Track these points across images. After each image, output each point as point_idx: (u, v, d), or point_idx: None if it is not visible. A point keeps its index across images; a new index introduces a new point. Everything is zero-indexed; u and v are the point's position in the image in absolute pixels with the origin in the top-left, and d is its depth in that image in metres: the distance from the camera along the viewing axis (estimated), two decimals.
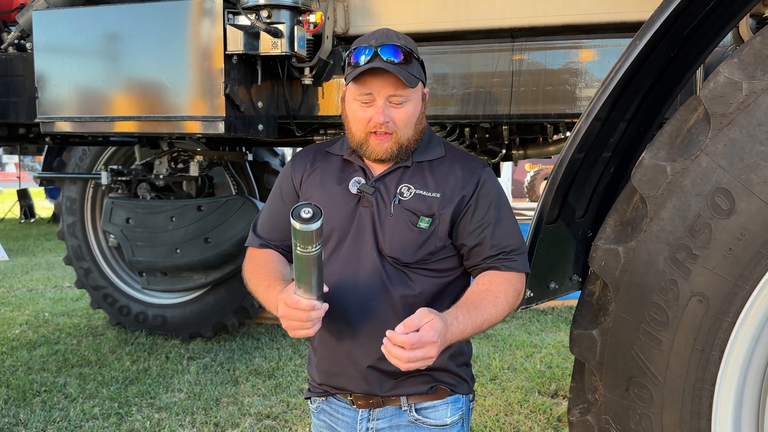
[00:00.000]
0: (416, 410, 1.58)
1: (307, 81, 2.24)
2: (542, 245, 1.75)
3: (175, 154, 4.60)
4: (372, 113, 1.49)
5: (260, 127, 2.22)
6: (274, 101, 2.31)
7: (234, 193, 4.84)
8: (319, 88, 2.32)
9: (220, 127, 2.02)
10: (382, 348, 1.29)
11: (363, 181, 1.57)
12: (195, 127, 2.05)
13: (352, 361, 1.55)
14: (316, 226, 1.25)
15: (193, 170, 4.52)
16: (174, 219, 4.54)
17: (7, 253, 8.33)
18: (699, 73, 1.97)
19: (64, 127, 2.20)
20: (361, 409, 1.58)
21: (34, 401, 3.67)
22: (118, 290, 5.14)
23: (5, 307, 5.75)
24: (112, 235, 4.79)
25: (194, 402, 3.73)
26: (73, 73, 2.16)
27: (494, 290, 1.49)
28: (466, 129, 2.84)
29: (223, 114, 2.01)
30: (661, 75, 1.69)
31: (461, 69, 2.15)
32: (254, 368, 4.29)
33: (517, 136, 2.96)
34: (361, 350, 1.54)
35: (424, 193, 1.53)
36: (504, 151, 3.24)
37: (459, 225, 1.53)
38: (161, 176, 4.65)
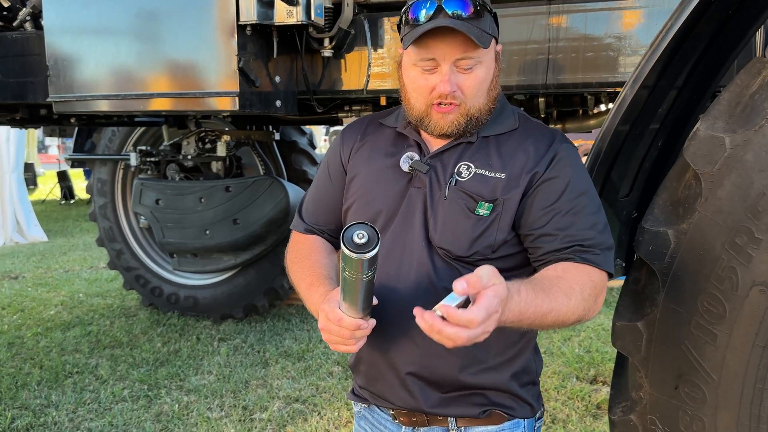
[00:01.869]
0: None
1: (327, 53, 2.10)
2: None
3: (203, 134, 4.52)
4: (435, 81, 1.23)
5: (278, 103, 2.10)
6: (292, 76, 2.19)
7: (262, 174, 4.76)
8: (341, 61, 2.18)
9: (234, 104, 1.90)
10: (422, 321, 1.01)
11: (416, 157, 1.32)
12: (208, 104, 1.94)
13: (390, 366, 1.33)
14: (370, 255, 1.02)
15: (221, 150, 4.45)
16: (203, 200, 4.49)
17: (47, 234, 8.47)
18: (759, 33, 1.77)
19: (76, 106, 2.12)
20: (404, 426, 1.38)
21: (66, 383, 3.68)
22: (150, 271, 5.14)
23: (42, 287, 5.82)
24: (142, 217, 4.77)
25: (223, 384, 3.69)
26: (83, 51, 2.07)
27: (568, 279, 1.18)
28: None
29: (237, 89, 1.89)
30: (715, 37, 1.51)
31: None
32: (284, 350, 4.24)
33: (554, 109, 2.77)
34: (402, 355, 1.31)
35: (486, 173, 1.27)
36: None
37: (525, 209, 1.25)
38: (189, 157, 4.59)
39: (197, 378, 3.79)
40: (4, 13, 2.69)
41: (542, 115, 2.77)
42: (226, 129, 4.45)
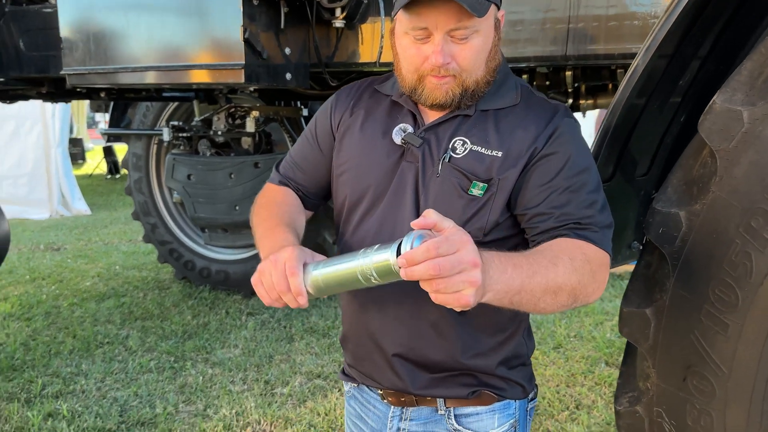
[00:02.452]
0: (456, 417, 1.31)
1: (339, 24, 2.03)
2: None
3: (232, 109, 4.53)
4: (428, 52, 1.14)
5: (288, 76, 2.05)
6: (304, 48, 2.13)
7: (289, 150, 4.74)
8: (353, 32, 2.11)
9: (240, 76, 1.86)
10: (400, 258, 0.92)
11: (410, 129, 1.24)
12: (214, 76, 1.91)
13: (377, 346, 1.29)
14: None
15: (250, 126, 4.44)
16: (233, 176, 4.50)
17: (90, 208, 8.70)
18: None
19: (87, 79, 2.12)
20: (393, 406, 1.35)
21: (97, 352, 3.77)
22: (183, 245, 5.21)
23: (81, 259, 5.99)
24: (175, 191, 4.82)
25: (248, 358, 3.72)
26: (93, 25, 2.07)
27: (554, 249, 1.10)
28: (524, 75, 2.56)
29: (243, 61, 1.85)
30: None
31: (507, 3, 1.88)
32: (310, 326, 4.25)
33: (582, 83, 2.64)
34: (388, 336, 1.27)
35: (482, 150, 1.19)
36: (570, 100, 2.93)
37: (521, 188, 1.17)
38: (219, 132, 4.60)
39: (223, 351, 3.83)
40: None
41: (569, 89, 2.66)
42: (258, 105, 4.45)
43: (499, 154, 1.19)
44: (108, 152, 13.36)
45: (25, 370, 3.50)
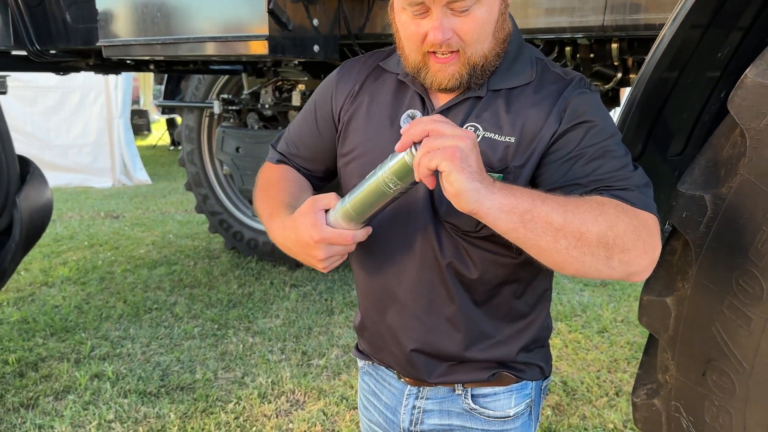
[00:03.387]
0: (472, 397, 1.27)
1: None
2: None
3: (279, 83, 4.54)
4: (427, 27, 1.05)
5: (316, 48, 2.01)
6: (334, 19, 2.09)
7: None
8: (385, 2, 2.05)
9: (264, 48, 1.84)
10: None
11: (418, 114, 1.08)
12: (239, 48, 1.90)
13: (394, 340, 1.26)
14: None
15: (295, 100, 4.45)
16: None
17: (151, 178, 8.99)
18: None
19: (120, 51, 2.16)
20: (410, 385, 1.31)
21: (144, 318, 3.91)
22: (232, 216, 5.32)
23: (138, 227, 6.20)
24: (225, 164, 4.91)
25: (288, 329, 3.78)
26: None
27: (596, 200, 0.98)
28: (567, 48, 2.45)
29: (267, 33, 1.83)
30: None
31: None
32: (351, 300, 4.27)
33: (629, 56, 2.50)
34: (405, 330, 1.23)
35: (496, 137, 1.10)
36: (620, 74, 2.79)
37: (543, 171, 1.09)
38: (267, 106, 4.64)
39: (264, 321, 3.91)
40: None
41: (616, 62, 2.52)
42: (306, 78, 4.44)
43: (512, 140, 1.10)
44: (171, 124, 13.74)
45: (77, 332, 3.67)
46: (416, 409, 1.31)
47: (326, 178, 1.38)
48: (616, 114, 3.23)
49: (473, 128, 1.12)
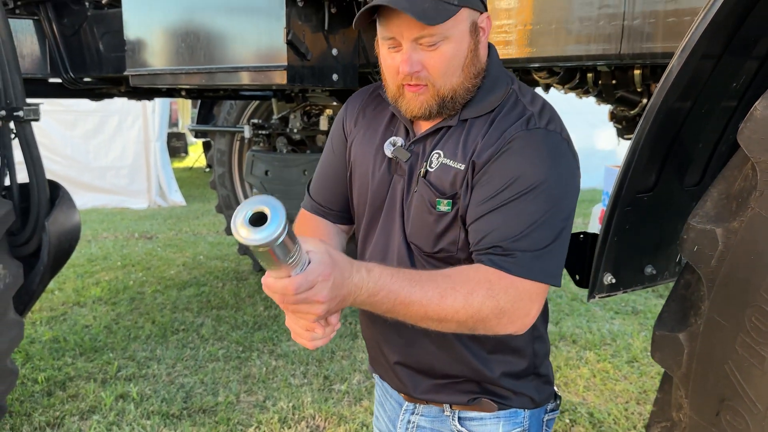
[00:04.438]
0: (459, 419, 1.31)
1: None
2: (630, 219, 1.40)
3: (307, 108, 4.61)
4: (399, 61, 1.13)
5: (335, 77, 2.04)
6: (353, 49, 2.12)
7: None
8: None
9: (283, 77, 1.88)
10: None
11: (399, 142, 1.23)
12: (259, 78, 1.94)
13: (381, 352, 1.35)
14: (265, 235, 0.78)
15: (323, 124, 4.51)
16: (306, 172, 4.59)
17: (186, 199, 9.17)
18: None
19: (147, 80, 2.22)
20: (406, 402, 1.38)
21: (171, 339, 3.97)
22: None
23: (170, 248, 6.32)
24: (254, 187, 4.98)
25: (310, 353, 3.78)
26: (152, 27, 2.16)
27: (456, 279, 1.05)
28: (589, 74, 2.43)
29: (285, 63, 1.87)
30: None
31: (559, 0, 1.78)
32: None
33: (653, 82, 2.47)
34: (389, 344, 1.31)
35: (450, 163, 1.16)
36: (645, 100, 2.75)
37: (470, 202, 1.14)
38: (295, 130, 4.71)
39: (288, 344, 3.92)
40: None
41: (639, 89, 2.49)
42: (334, 103, 4.50)
43: (462, 167, 1.15)
44: (207, 147, 14.00)
45: (105, 352, 3.74)
46: (411, 424, 1.37)
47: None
48: None
49: (438, 155, 1.19)
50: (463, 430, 1.31)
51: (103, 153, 8.61)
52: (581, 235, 1.49)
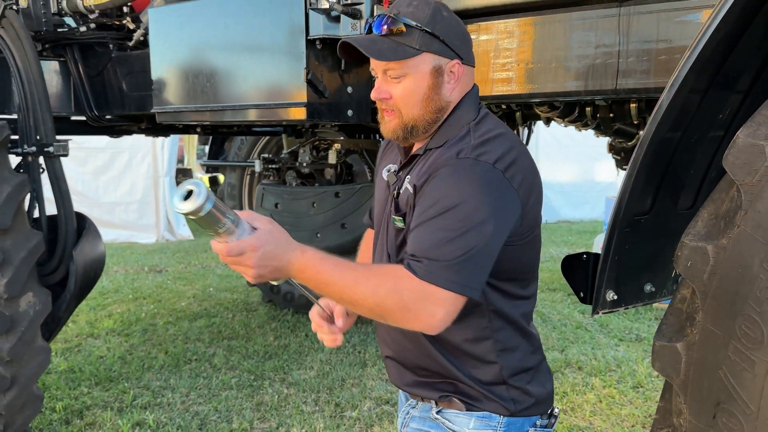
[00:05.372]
0: (437, 411, 1.48)
1: None
2: (629, 240, 1.52)
3: (317, 142, 4.77)
4: None
5: (350, 113, 2.18)
6: (366, 85, 2.26)
7: (369, 180, 4.91)
8: None
9: (303, 114, 2.02)
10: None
11: (394, 168, 1.47)
12: (280, 115, 2.08)
13: (380, 347, 1.57)
14: (190, 206, 1.06)
15: (332, 158, 4.65)
16: (315, 205, 4.73)
17: (193, 233, 9.29)
18: None
19: (173, 116, 2.36)
20: (410, 397, 1.55)
21: (184, 368, 4.04)
22: None
23: (180, 281, 6.41)
24: None
25: (321, 381, 3.85)
26: (177, 67, 2.31)
27: (374, 272, 1.28)
28: (587, 108, 2.57)
29: (305, 100, 2.01)
30: None
31: (557, 40, 1.93)
32: None
33: (649, 115, 2.60)
34: (383, 339, 1.52)
35: (408, 186, 1.37)
36: (641, 132, 2.88)
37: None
38: (305, 164, 4.85)
39: (299, 372, 3.99)
40: (132, 33, 3.05)
41: (636, 122, 2.63)
42: (342, 138, 4.66)
43: (412, 189, 1.35)
44: (213, 182, 14.21)
45: (120, 381, 3.81)
46: (408, 415, 1.54)
47: None
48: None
49: (408, 179, 1.39)
50: (439, 417, 1.46)
51: (113, 189, 8.77)
52: (584, 255, 1.60)
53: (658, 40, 1.82)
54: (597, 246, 6.26)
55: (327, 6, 1.96)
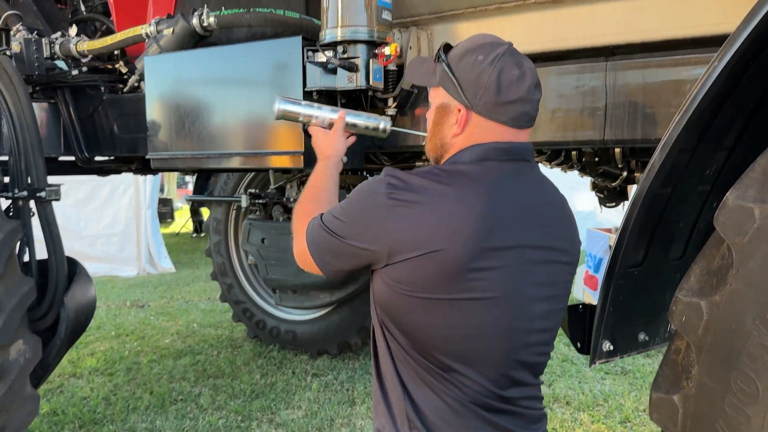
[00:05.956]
0: None
1: (391, 111, 2.20)
2: (623, 291, 1.56)
3: (304, 178, 4.79)
4: None
5: (344, 159, 2.22)
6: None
7: None
8: (405, 118, 2.28)
9: (300, 162, 2.06)
10: None
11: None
12: (278, 162, 2.11)
13: None
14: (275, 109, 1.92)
15: None
16: None
17: (175, 266, 9.21)
18: None
19: (169, 163, 2.38)
20: None
21: (170, 409, 3.98)
22: (255, 305, 5.45)
23: (163, 316, 6.34)
24: (250, 254, 5.10)
25: (310, 420, 3.82)
26: (173, 114, 2.34)
27: (314, 208, 1.52)
28: (573, 152, 2.64)
29: (302, 149, 2.04)
30: None
31: (547, 91, 1.99)
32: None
33: (632, 159, 2.69)
34: None
35: None
36: (625, 173, 2.97)
37: None
38: (292, 199, 4.87)
39: (287, 412, 3.96)
40: (125, 77, 3.08)
41: (620, 165, 2.71)
42: None
43: None
44: (195, 212, 14.13)
45: (105, 424, 3.74)
46: None
47: None
48: (624, 207, 3.39)
49: None
50: None
51: (94, 221, 8.69)
52: (580, 307, 1.64)
53: (644, 93, 1.89)
54: (580, 277, 6.33)
55: (324, 60, 2.00)
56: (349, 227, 1.32)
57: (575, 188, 10.71)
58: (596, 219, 10.64)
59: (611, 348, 1.57)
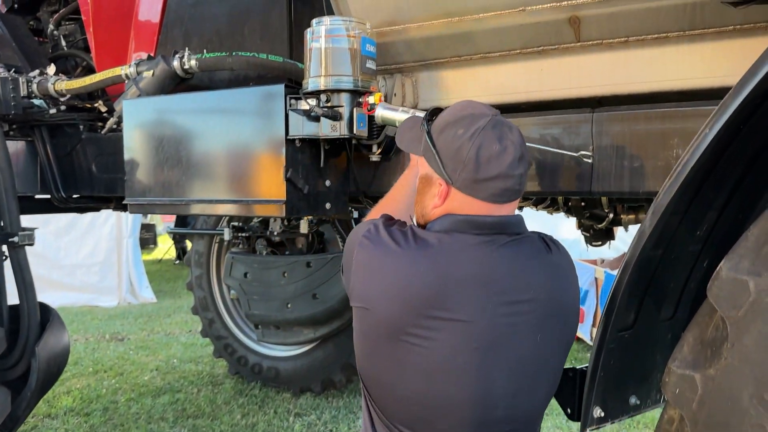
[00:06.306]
0: None
1: (376, 158, 2.17)
2: (614, 355, 1.51)
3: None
4: None
5: (327, 205, 2.18)
6: (344, 179, 2.27)
7: (341, 250, 4.87)
8: (390, 164, 2.24)
9: (282, 211, 2.00)
10: None
11: None
12: (259, 211, 2.06)
13: None
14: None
15: (303, 228, 4.60)
16: (286, 274, 4.65)
17: (156, 295, 9.04)
18: None
19: (147, 209, 2.32)
20: None
21: None
22: (237, 341, 5.34)
23: (143, 351, 6.20)
24: (232, 288, 5.00)
25: None
26: (152, 160, 2.28)
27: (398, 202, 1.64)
28: (559, 197, 2.61)
29: (284, 198, 1.99)
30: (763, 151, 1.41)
31: (535, 143, 1.97)
32: (356, 430, 4.22)
33: (618, 204, 2.67)
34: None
35: None
36: (611, 215, 2.95)
37: None
38: (275, 233, 4.80)
39: None
40: (104, 116, 3.02)
41: (606, 209, 2.69)
42: None
43: None
44: (177, 238, 13.96)
45: None
46: None
47: None
48: (610, 245, 3.34)
49: None
50: None
51: (75, 250, 8.53)
52: (570, 373, 1.59)
53: (631, 145, 1.87)
54: None
55: (307, 108, 1.96)
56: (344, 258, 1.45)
57: (558, 216, 10.80)
58: (580, 247, 10.67)
59: (602, 414, 1.52)
